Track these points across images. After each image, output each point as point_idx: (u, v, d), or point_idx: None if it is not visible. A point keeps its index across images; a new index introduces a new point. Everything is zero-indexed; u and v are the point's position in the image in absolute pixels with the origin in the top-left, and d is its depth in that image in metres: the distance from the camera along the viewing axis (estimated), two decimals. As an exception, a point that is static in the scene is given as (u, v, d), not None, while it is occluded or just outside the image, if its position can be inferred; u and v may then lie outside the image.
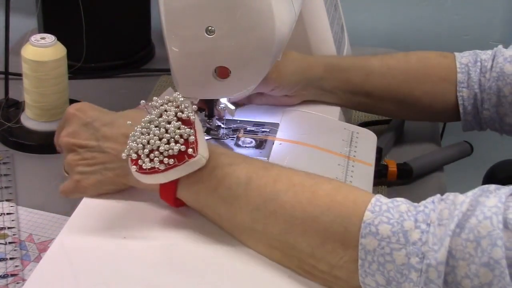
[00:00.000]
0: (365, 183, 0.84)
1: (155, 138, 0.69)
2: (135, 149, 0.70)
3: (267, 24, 0.75)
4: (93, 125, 0.78)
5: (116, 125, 0.77)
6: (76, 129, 0.79)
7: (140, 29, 1.31)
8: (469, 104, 0.95)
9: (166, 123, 0.69)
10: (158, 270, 0.69)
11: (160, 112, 0.70)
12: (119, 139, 0.76)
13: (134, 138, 0.70)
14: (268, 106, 0.96)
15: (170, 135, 0.69)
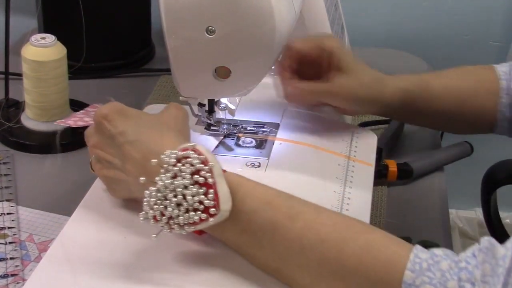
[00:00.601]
0: (365, 183, 0.84)
1: (173, 206, 0.65)
2: (152, 214, 0.66)
3: (267, 24, 0.75)
4: (118, 140, 0.72)
5: (138, 145, 0.71)
6: (101, 140, 0.74)
7: (140, 29, 1.31)
8: (508, 111, 0.94)
9: (183, 188, 0.65)
10: (158, 270, 0.69)
11: (174, 173, 0.65)
12: (138, 162, 0.70)
13: (149, 203, 0.66)
14: (268, 106, 0.96)
15: (188, 203, 0.64)
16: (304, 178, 0.82)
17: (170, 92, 1.16)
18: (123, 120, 0.73)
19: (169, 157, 0.66)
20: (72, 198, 0.80)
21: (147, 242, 0.73)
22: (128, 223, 0.75)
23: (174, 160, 0.65)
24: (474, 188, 1.32)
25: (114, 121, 0.72)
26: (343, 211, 0.78)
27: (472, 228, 1.78)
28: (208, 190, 0.64)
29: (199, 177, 0.65)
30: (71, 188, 0.91)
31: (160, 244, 0.73)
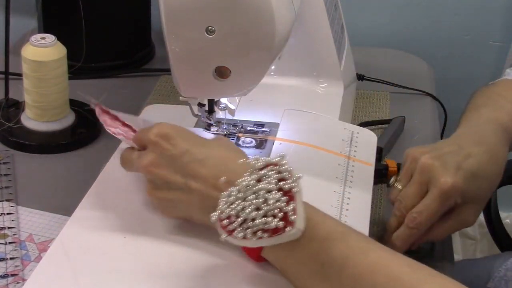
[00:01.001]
0: (365, 183, 0.84)
1: (252, 208, 0.63)
2: (227, 214, 0.64)
3: (267, 24, 0.75)
4: (181, 159, 0.70)
5: (207, 164, 0.70)
6: (159, 160, 0.71)
7: (140, 29, 1.31)
8: None
9: (266, 191, 0.64)
10: (158, 270, 0.69)
11: (259, 177, 0.65)
12: (210, 181, 0.69)
13: (227, 201, 0.65)
14: (268, 106, 0.96)
15: (268, 207, 0.63)
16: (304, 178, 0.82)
17: (170, 92, 1.16)
18: (184, 139, 0.71)
19: (257, 160, 0.66)
20: (72, 198, 0.80)
21: (147, 242, 0.73)
22: (128, 223, 0.75)
23: (262, 164, 0.65)
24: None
25: (174, 140, 0.71)
26: (343, 211, 0.78)
27: (472, 228, 1.78)
28: (290, 200, 0.63)
29: (284, 184, 0.64)
30: (71, 188, 0.91)
31: (160, 244, 0.73)
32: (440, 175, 0.78)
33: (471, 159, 0.80)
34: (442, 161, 0.79)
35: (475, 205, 0.81)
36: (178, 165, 0.70)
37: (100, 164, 0.86)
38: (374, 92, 1.20)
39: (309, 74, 1.02)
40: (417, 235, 0.79)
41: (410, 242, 0.80)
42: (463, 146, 0.82)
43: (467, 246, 1.79)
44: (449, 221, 0.81)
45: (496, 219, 1.21)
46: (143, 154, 0.73)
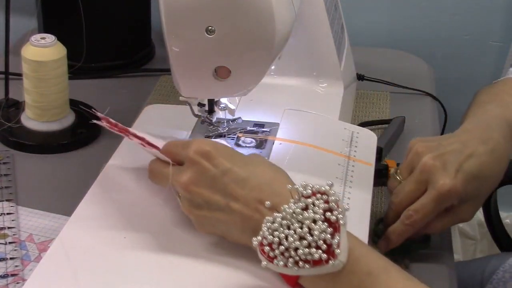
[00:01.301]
0: (365, 183, 0.84)
1: (295, 237, 0.62)
2: (270, 241, 0.63)
3: (267, 24, 0.75)
4: (223, 179, 0.69)
5: (249, 185, 0.68)
6: (199, 178, 0.70)
7: (140, 29, 1.31)
8: None
9: (311, 221, 0.63)
10: (158, 270, 0.69)
11: (306, 204, 0.64)
12: (251, 203, 0.67)
13: (270, 228, 0.64)
14: (268, 106, 0.96)
15: (313, 238, 0.62)
16: (304, 178, 0.82)
17: (170, 92, 1.16)
18: (225, 158, 0.70)
19: (305, 188, 0.65)
20: (72, 198, 0.80)
21: (147, 242, 0.73)
22: (128, 223, 0.75)
23: (309, 192, 0.64)
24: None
25: (216, 159, 0.69)
26: (343, 211, 0.78)
27: (472, 228, 1.78)
28: (335, 232, 0.63)
29: (331, 215, 0.63)
30: (71, 188, 0.91)
31: (160, 244, 0.73)
32: (439, 177, 0.78)
33: (473, 159, 0.80)
34: (443, 161, 0.79)
35: (473, 203, 0.81)
36: (219, 185, 0.69)
37: (100, 164, 0.86)
38: (374, 92, 1.20)
39: (309, 74, 1.02)
40: (412, 232, 0.80)
41: (405, 238, 0.81)
42: (468, 144, 0.82)
43: (467, 246, 1.79)
44: (445, 218, 0.81)
45: (496, 219, 1.21)
46: (181, 170, 0.71)
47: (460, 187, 0.78)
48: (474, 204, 0.82)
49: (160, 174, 0.74)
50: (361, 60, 1.18)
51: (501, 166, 0.82)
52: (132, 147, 0.88)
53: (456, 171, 0.79)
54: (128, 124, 0.94)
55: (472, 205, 0.82)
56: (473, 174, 0.79)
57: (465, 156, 0.80)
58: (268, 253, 0.64)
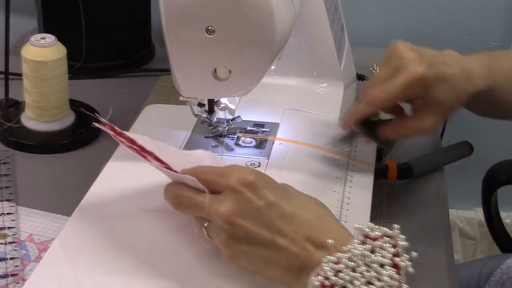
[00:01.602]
0: (365, 183, 0.84)
1: (362, 281, 0.59)
2: (333, 282, 0.60)
3: (267, 24, 0.75)
4: (268, 213, 0.64)
5: (296, 221, 0.64)
6: (243, 209, 0.64)
7: (140, 29, 1.31)
8: None
9: (379, 265, 0.59)
10: (158, 270, 0.69)
11: (372, 247, 0.60)
12: (298, 240, 0.63)
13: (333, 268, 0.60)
14: (268, 106, 0.96)
15: (380, 283, 0.59)
16: (304, 178, 0.82)
17: (170, 92, 1.16)
18: (270, 191, 0.65)
19: (372, 229, 0.61)
20: (72, 198, 0.80)
21: (147, 242, 0.73)
22: (128, 223, 0.75)
23: (378, 234, 0.61)
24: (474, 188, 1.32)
25: (260, 191, 0.65)
26: (343, 211, 0.78)
27: (472, 228, 1.78)
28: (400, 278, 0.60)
29: (400, 261, 0.60)
30: (71, 188, 0.91)
31: (160, 244, 0.73)
32: (413, 64, 0.79)
33: (446, 66, 0.81)
34: (419, 54, 0.80)
35: (435, 111, 0.81)
36: (265, 218, 0.64)
37: (100, 164, 0.86)
38: (374, 92, 1.19)
39: (309, 74, 1.02)
40: (368, 112, 0.81)
41: (365, 114, 0.82)
42: (445, 56, 0.83)
43: (467, 246, 1.79)
44: (407, 122, 0.82)
45: (496, 219, 1.21)
46: (221, 200, 0.65)
47: (430, 80, 0.79)
48: (436, 113, 0.82)
49: (191, 202, 0.68)
50: (361, 60, 1.18)
51: (468, 88, 0.82)
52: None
53: (429, 66, 0.79)
54: (128, 124, 0.94)
55: (434, 114, 0.81)
56: (443, 77, 0.80)
57: (440, 61, 0.81)
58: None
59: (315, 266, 0.62)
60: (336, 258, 0.61)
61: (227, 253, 0.66)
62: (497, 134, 1.60)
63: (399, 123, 0.83)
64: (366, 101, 0.80)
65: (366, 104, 0.81)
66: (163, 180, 0.81)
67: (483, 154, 1.28)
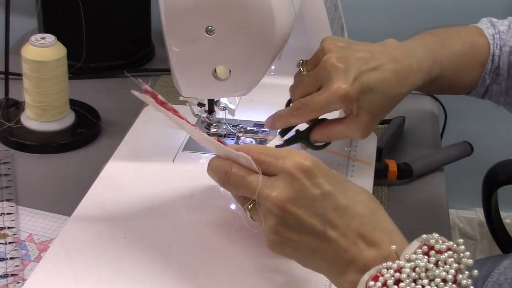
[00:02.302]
0: (365, 183, 0.84)
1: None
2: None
3: (267, 24, 0.75)
4: (323, 203, 0.62)
5: (349, 214, 0.62)
6: (298, 196, 0.62)
7: (140, 29, 1.31)
8: (488, 77, 0.94)
9: (441, 280, 0.57)
10: (158, 270, 0.69)
11: (436, 260, 0.58)
12: (350, 235, 0.62)
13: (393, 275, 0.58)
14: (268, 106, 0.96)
15: None
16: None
17: (170, 92, 1.16)
18: (326, 180, 0.63)
19: (437, 241, 0.59)
20: (72, 198, 0.80)
21: (147, 241, 0.73)
22: (127, 223, 0.75)
23: (444, 247, 0.58)
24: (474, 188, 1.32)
25: (317, 179, 0.62)
26: (343, 211, 0.78)
27: (472, 228, 1.78)
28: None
29: (462, 279, 0.57)
30: (71, 188, 0.91)
31: (160, 244, 0.73)
32: (336, 79, 0.78)
33: (375, 73, 0.80)
34: (346, 64, 0.79)
35: (363, 119, 0.80)
36: (319, 208, 0.62)
37: (100, 164, 0.86)
38: (374, 92, 1.19)
39: (309, 74, 1.02)
40: (297, 122, 0.83)
41: (289, 124, 0.84)
42: (377, 57, 0.82)
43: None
44: (336, 126, 0.82)
45: (496, 219, 1.21)
46: (274, 184, 0.63)
47: (354, 95, 0.78)
48: (365, 119, 0.80)
49: (242, 182, 0.65)
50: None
51: (402, 90, 0.82)
52: (132, 147, 0.88)
53: (355, 78, 0.78)
54: (128, 124, 0.94)
55: (363, 120, 0.80)
56: (370, 87, 0.79)
57: (369, 68, 0.80)
58: None
59: (363, 263, 0.60)
60: (398, 266, 0.58)
61: (273, 239, 0.64)
62: (497, 134, 1.60)
63: (328, 126, 0.83)
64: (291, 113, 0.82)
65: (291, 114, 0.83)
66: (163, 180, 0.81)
67: (483, 154, 1.28)
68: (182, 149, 0.88)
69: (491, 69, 0.94)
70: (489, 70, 0.94)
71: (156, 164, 0.85)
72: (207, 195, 0.80)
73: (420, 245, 0.59)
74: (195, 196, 0.80)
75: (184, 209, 0.78)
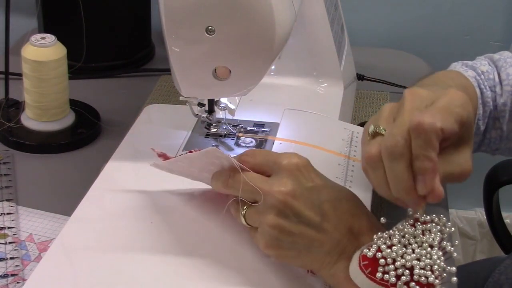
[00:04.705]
0: (365, 183, 0.84)
1: (413, 256, 0.62)
2: (386, 255, 0.62)
3: (267, 24, 0.75)
4: (319, 195, 0.67)
5: (340, 208, 0.67)
6: (298, 189, 0.67)
7: (140, 29, 1.31)
8: (483, 124, 0.87)
9: (429, 245, 0.63)
10: (158, 270, 0.69)
11: (422, 230, 0.64)
12: (341, 229, 0.66)
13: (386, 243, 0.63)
14: (268, 106, 0.96)
15: (430, 261, 0.62)
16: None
17: (170, 92, 1.16)
18: (317, 175, 0.69)
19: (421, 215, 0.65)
20: (72, 198, 0.80)
21: (147, 241, 0.73)
22: (127, 223, 0.75)
23: (428, 218, 0.64)
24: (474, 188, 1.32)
25: (313, 173, 0.69)
26: (343, 211, 0.78)
27: (472, 228, 1.78)
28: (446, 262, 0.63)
29: (447, 245, 0.63)
30: (71, 188, 0.91)
31: (160, 244, 0.73)
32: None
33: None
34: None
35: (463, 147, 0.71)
36: (316, 200, 0.67)
37: (100, 164, 0.86)
38: (374, 92, 1.19)
39: (309, 74, 1.03)
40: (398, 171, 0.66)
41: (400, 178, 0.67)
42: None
43: (467, 246, 1.79)
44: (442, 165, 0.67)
45: (497, 219, 1.21)
46: (275, 181, 0.67)
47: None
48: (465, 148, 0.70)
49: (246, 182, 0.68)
50: (361, 60, 1.18)
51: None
52: (132, 147, 0.89)
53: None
54: (128, 124, 0.94)
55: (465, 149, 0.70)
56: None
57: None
58: (375, 266, 0.62)
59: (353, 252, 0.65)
60: (388, 234, 0.64)
61: (272, 234, 0.67)
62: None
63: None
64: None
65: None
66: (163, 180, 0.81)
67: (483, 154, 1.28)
68: (182, 149, 0.88)
69: (485, 114, 0.86)
70: (481, 115, 0.86)
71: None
72: (207, 195, 0.80)
73: (406, 219, 0.64)
74: (195, 196, 0.80)
75: (184, 209, 0.78)
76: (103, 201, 0.78)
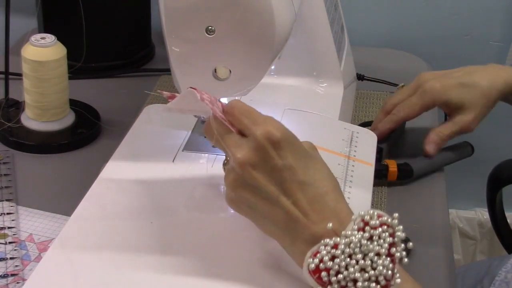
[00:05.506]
0: (365, 183, 0.84)
1: (357, 268, 0.60)
2: (328, 266, 0.61)
3: (267, 24, 0.75)
4: (282, 174, 0.65)
5: (306, 190, 0.65)
6: (259, 163, 0.65)
7: (140, 29, 1.31)
8: None
9: (375, 254, 0.60)
10: (158, 270, 0.69)
11: (370, 235, 0.61)
12: (302, 206, 0.64)
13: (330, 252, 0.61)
14: (268, 106, 0.96)
15: (374, 272, 0.60)
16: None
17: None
18: (291, 153, 0.65)
19: (372, 217, 0.61)
20: (72, 198, 0.80)
21: (147, 242, 0.73)
22: (127, 223, 0.75)
23: (377, 223, 0.61)
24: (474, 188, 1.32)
25: (283, 151, 0.65)
26: (343, 211, 0.78)
27: (472, 228, 1.78)
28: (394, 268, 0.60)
29: (396, 251, 0.60)
30: (71, 188, 0.91)
31: (160, 244, 0.73)
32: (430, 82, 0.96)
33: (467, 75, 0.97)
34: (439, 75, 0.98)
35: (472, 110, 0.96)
36: (277, 178, 0.65)
37: (100, 164, 0.86)
38: (374, 92, 1.20)
39: (309, 74, 1.02)
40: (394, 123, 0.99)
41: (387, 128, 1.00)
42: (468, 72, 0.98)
43: (467, 246, 1.79)
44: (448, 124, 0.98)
45: (501, 218, 1.21)
46: (242, 145, 0.66)
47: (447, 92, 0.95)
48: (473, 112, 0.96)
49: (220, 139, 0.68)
50: (361, 60, 1.18)
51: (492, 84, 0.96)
52: (132, 147, 0.89)
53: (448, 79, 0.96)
54: (128, 124, 0.94)
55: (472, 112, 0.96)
56: (463, 83, 0.96)
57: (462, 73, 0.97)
58: (323, 279, 0.61)
59: (312, 236, 0.63)
60: (334, 242, 0.61)
61: (230, 195, 0.68)
62: (497, 134, 1.60)
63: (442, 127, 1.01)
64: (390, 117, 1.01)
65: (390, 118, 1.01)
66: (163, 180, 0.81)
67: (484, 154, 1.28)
68: (182, 149, 0.88)
69: None
70: None
71: (156, 164, 0.85)
72: (207, 195, 0.80)
73: (357, 222, 0.62)
74: (195, 196, 0.80)
75: (184, 209, 0.78)
76: (103, 201, 0.78)
